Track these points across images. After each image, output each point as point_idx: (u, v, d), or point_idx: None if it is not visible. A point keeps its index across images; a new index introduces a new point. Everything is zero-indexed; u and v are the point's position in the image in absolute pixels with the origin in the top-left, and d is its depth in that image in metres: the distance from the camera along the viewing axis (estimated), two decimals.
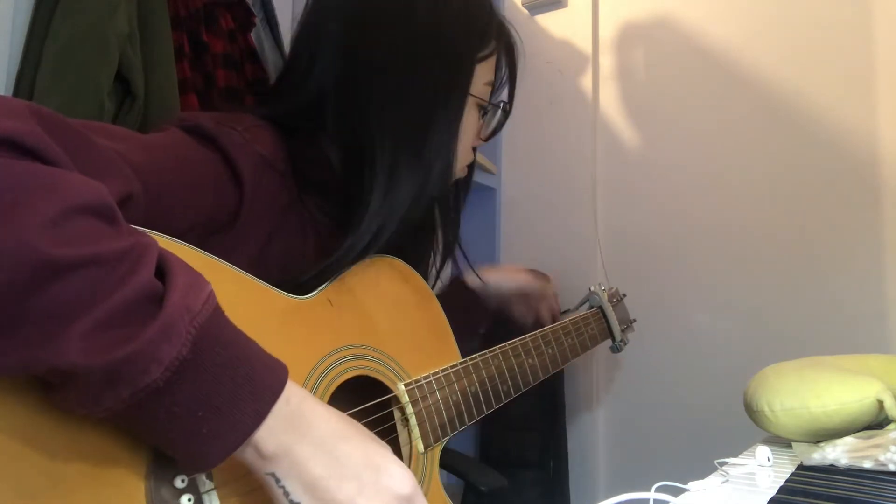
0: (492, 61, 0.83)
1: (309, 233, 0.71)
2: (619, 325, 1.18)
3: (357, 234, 0.69)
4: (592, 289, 1.18)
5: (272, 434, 0.47)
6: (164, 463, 0.48)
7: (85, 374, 0.39)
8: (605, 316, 1.16)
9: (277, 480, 0.49)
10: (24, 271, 0.37)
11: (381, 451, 0.53)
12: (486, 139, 0.88)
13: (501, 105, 0.85)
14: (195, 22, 1.24)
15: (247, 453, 0.48)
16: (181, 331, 0.42)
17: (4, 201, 0.38)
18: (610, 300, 1.18)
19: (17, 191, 0.39)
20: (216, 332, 0.45)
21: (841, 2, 1.47)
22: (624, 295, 1.26)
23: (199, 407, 0.44)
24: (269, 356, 0.49)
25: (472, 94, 0.80)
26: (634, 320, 1.27)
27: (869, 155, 1.42)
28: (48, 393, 0.43)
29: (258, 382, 0.47)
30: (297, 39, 0.80)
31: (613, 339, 1.17)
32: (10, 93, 0.98)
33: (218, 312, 0.46)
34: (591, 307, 1.17)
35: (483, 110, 0.84)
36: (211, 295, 0.46)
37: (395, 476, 0.52)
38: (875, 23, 1.43)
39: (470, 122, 0.82)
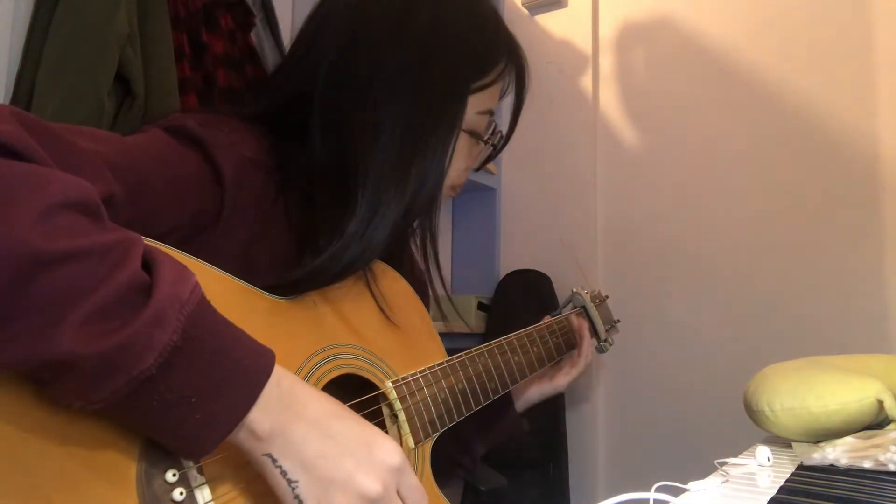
0: (493, 89, 0.79)
1: (292, 234, 0.71)
2: (604, 325, 1.19)
3: (325, 258, 0.66)
4: (575, 290, 1.19)
5: (265, 415, 0.49)
6: (155, 457, 0.48)
7: (81, 364, 0.40)
8: (588, 316, 1.17)
9: (274, 461, 0.50)
10: (15, 265, 0.38)
11: (369, 428, 0.55)
12: (477, 169, 0.86)
13: (493, 145, 0.82)
14: (195, 22, 1.24)
15: (241, 436, 0.49)
16: (171, 318, 0.43)
17: None
18: (593, 301, 1.19)
19: (6, 187, 0.40)
20: (204, 319, 0.46)
21: (841, 2, 1.47)
22: (607, 296, 1.27)
23: (192, 393, 0.45)
24: (255, 342, 0.50)
25: (464, 130, 0.76)
26: (618, 321, 1.28)
27: (869, 155, 1.42)
28: (42, 389, 0.43)
29: (247, 367, 0.48)
30: (297, 39, 0.79)
31: (598, 339, 1.18)
32: (10, 93, 0.98)
33: (204, 301, 0.47)
34: (575, 307, 1.18)
35: (478, 137, 0.80)
36: (196, 285, 0.47)
37: (387, 449, 0.54)
38: (875, 23, 1.43)
39: (461, 150, 0.78)
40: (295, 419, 0.51)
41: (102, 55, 1.01)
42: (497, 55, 0.78)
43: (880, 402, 0.76)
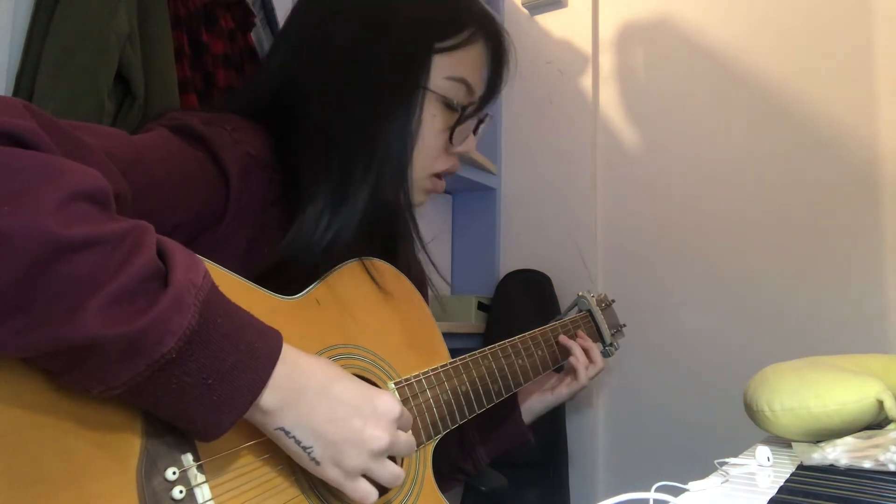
0: (464, 54, 0.76)
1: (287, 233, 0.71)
2: (609, 329, 1.18)
3: (294, 231, 0.66)
4: (581, 294, 1.18)
5: (275, 392, 0.51)
6: (155, 455, 0.49)
7: (104, 348, 0.41)
8: (594, 319, 1.16)
9: (287, 433, 0.53)
10: (37, 252, 0.39)
11: (366, 385, 0.59)
12: (464, 149, 0.80)
13: (462, 109, 0.76)
14: (195, 22, 1.24)
15: (254, 414, 0.51)
16: (189, 303, 0.45)
17: (14, 186, 0.40)
18: (598, 305, 1.18)
19: (25, 176, 0.41)
20: (216, 304, 0.48)
21: (841, 2, 1.47)
22: (613, 300, 1.26)
23: (209, 375, 0.47)
24: (263, 324, 0.52)
25: (429, 90, 0.73)
26: (624, 325, 1.27)
27: (869, 155, 1.42)
28: (60, 377, 0.44)
29: (259, 348, 0.50)
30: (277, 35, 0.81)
31: (603, 344, 1.17)
32: (10, 93, 0.98)
33: (215, 287, 0.49)
34: (581, 311, 1.17)
35: (452, 110, 0.76)
36: (207, 272, 0.48)
37: (386, 401, 0.59)
38: (875, 23, 1.43)
39: (435, 122, 0.75)
40: (302, 391, 0.53)
41: (102, 55, 1.01)
42: (462, 18, 0.76)
43: (880, 402, 0.76)
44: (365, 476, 0.58)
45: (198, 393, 0.46)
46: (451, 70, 0.75)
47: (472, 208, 1.92)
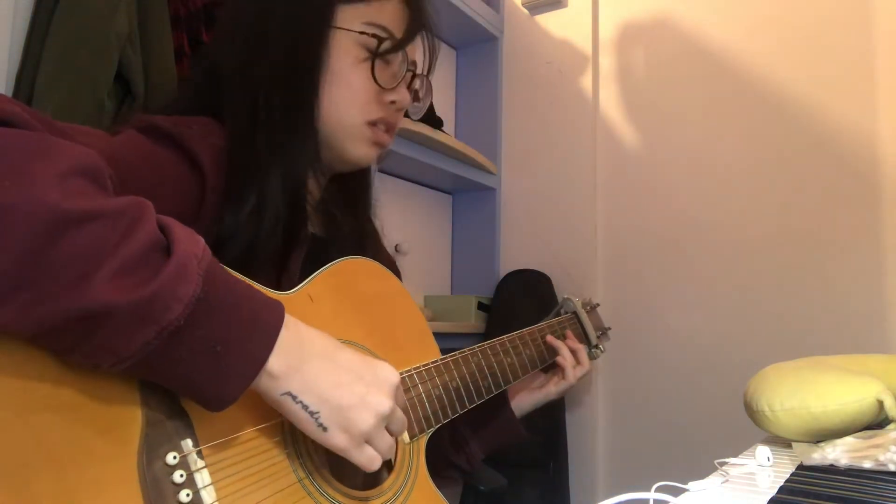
0: (379, 5, 0.77)
1: None
2: (595, 331, 1.20)
3: (233, 206, 0.66)
4: (566, 296, 1.21)
5: (281, 358, 0.52)
6: (156, 440, 0.49)
7: (114, 317, 0.42)
8: (579, 321, 1.18)
9: (294, 397, 0.54)
10: (41, 224, 0.40)
11: (365, 354, 0.61)
12: (397, 97, 0.78)
13: (380, 43, 0.75)
14: (195, 22, 1.24)
15: (261, 380, 0.52)
16: (192, 272, 0.46)
17: (11, 162, 0.41)
18: (584, 307, 1.20)
19: (19, 153, 0.42)
20: (218, 275, 0.50)
21: (841, 1, 1.47)
22: (597, 304, 1.28)
23: (217, 342, 0.48)
24: (263, 294, 0.54)
25: (338, 28, 0.74)
26: (609, 328, 1.29)
27: (869, 155, 1.42)
28: (69, 354, 0.44)
29: (262, 316, 0.52)
30: None
31: (589, 346, 1.18)
32: (10, 93, 0.98)
33: (214, 259, 0.50)
34: (566, 313, 1.19)
35: (373, 55, 0.76)
36: (206, 245, 0.50)
37: (386, 369, 0.61)
38: (875, 22, 1.43)
39: (360, 67, 0.75)
40: (307, 357, 0.54)
41: (102, 55, 1.01)
42: None
43: (880, 402, 0.76)
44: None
45: (207, 361, 0.48)
46: (367, 17, 0.76)
47: (472, 208, 1.92)
